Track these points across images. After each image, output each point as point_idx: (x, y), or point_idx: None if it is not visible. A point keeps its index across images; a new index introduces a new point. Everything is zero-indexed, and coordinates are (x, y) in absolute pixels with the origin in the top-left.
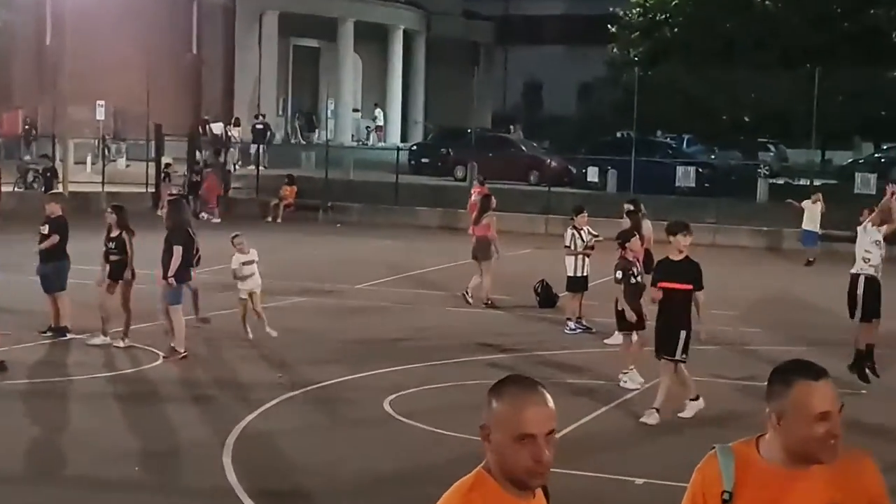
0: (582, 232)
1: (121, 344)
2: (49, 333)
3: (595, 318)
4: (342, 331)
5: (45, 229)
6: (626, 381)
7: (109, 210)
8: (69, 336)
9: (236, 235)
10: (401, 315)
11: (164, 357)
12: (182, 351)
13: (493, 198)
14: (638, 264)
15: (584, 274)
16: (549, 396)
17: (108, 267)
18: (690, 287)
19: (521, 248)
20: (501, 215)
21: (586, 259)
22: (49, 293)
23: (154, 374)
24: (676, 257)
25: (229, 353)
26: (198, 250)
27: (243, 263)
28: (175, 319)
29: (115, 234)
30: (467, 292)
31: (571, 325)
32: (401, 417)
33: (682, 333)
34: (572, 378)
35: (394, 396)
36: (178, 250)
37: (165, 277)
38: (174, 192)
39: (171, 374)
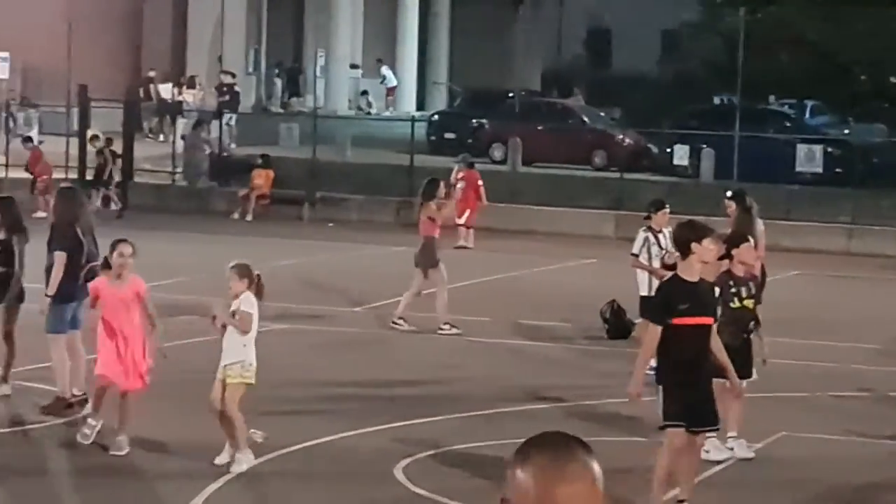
0: (660, 236)
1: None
2: None
3: None
4: (336, 370)
5: None
6: (708, 451)
7: None
8: None
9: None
10: (413, 348)
11: (42, 409)
12: (68, 396)
13: (441, 182)
14: (749, 282)
15: None
16: (593, 466)
17: None
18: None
19: (581, 257)
20: (554, 211)
21: (666, 272)
22: None
23: (58, 434)
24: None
25: (184, 401)
26: (91, 258)
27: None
28: (54, 354)
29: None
30: (398, 320)
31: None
32: (418, 490)
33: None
34: (638, 437)
35: (407, 461)
36: (60, 257)
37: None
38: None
39: (83, 435)
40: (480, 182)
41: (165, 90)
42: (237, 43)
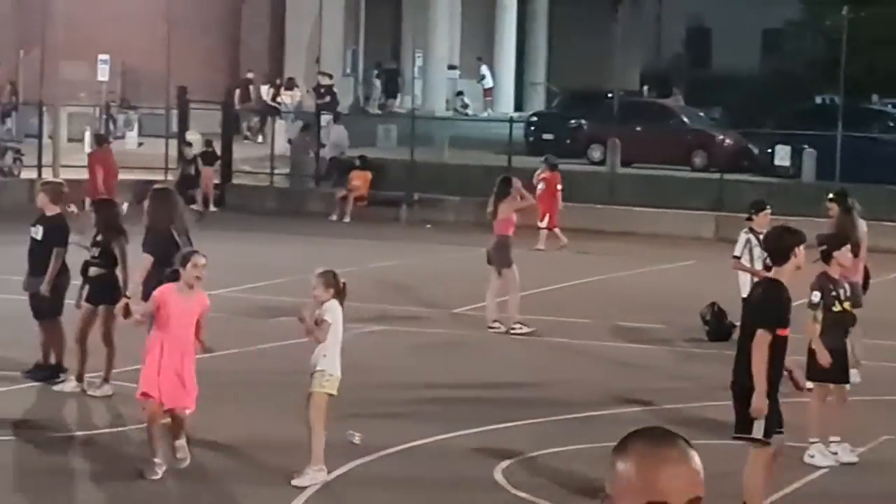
0: (762, 237)
1: (97, 392)
2: (33, 374)
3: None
4: (433, 372)
5: (38, 232)
6: (812, 456)
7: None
8: (62, 378)
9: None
10: (512, 350)
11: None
12: None
13: (513, 181)
14: (845, 284)
15: None
16: (692, 453)
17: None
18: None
19: (681, 259)
20: (653, 212)
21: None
22: (40, 319)
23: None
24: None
25: (272, 401)
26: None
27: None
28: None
29: (98, 238)
30: (515, 325)
31: None
32: (520, 494)
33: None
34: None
35: (506, 464)
36: (145, 260)
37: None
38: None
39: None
40: (560, 186)
41: (264, 91)
42: (335, 44)
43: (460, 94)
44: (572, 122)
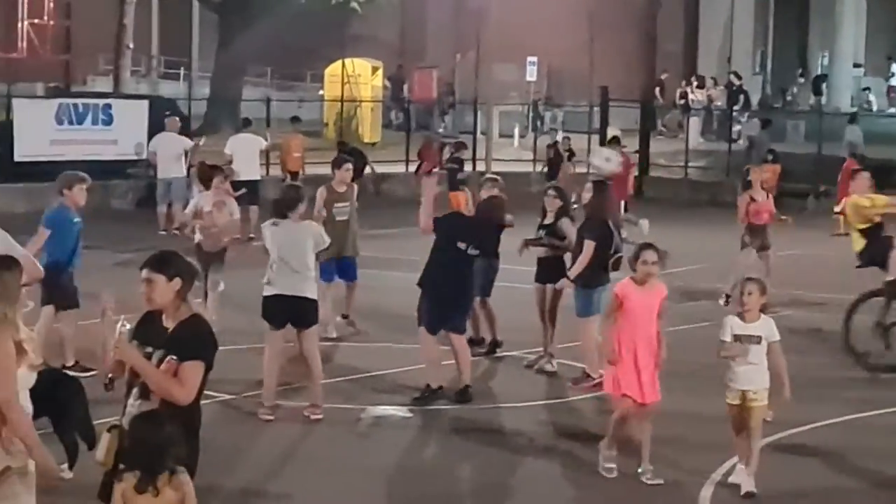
0: None
1: (548, 367)
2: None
3: None
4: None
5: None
6: None
7: (551, 192)
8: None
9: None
10: None
11: (571, 384)
12: (595, 377)
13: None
14: None
15: None
16: None
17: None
18: None
19: None
20: None
21: None
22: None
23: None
24: None
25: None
26: (617, 249)
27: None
28: (584, 335)
29: (548, 220)
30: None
31: None
32: None
33: None
34: None
35: None
36: (589, 245)
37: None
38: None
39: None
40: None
41: (679, 90)
42: (745, 45)
43: (867, 90)
44: None
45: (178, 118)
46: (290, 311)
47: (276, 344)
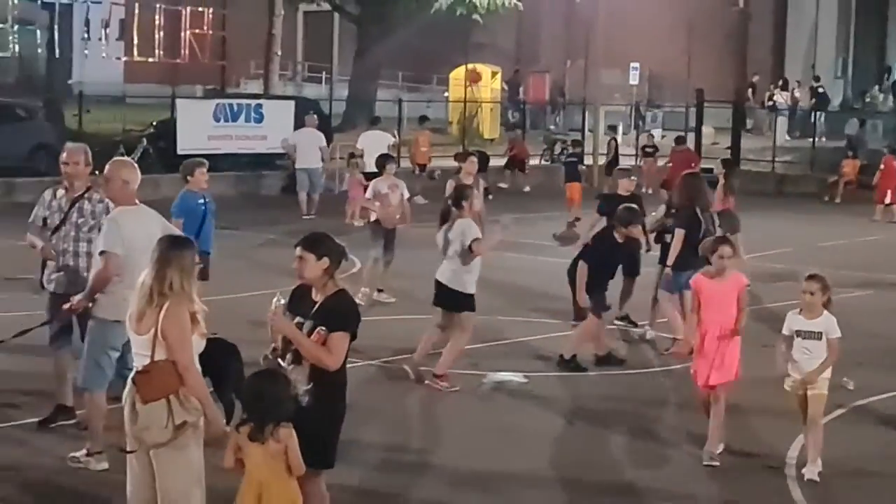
0: None
1: (649, 335)
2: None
3: None
4: None
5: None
6: None
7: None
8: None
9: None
10: None
11: (665, 351)
12: (686, 352)
13: None
14: None
15: None
16: None
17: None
18: None
19: None
20: None
21: None
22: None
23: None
24: None
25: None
26: (707, 234)
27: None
28: (668, 311)
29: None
30: None
31: None
32: None
33: None
34: None
35: None
36: (679, 233)
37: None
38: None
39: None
40: None
41: (767, 92)
42: (828, 51)
43: None
44: None
45: (315, 116)
46: (437, 295)
47: (435, 319)
